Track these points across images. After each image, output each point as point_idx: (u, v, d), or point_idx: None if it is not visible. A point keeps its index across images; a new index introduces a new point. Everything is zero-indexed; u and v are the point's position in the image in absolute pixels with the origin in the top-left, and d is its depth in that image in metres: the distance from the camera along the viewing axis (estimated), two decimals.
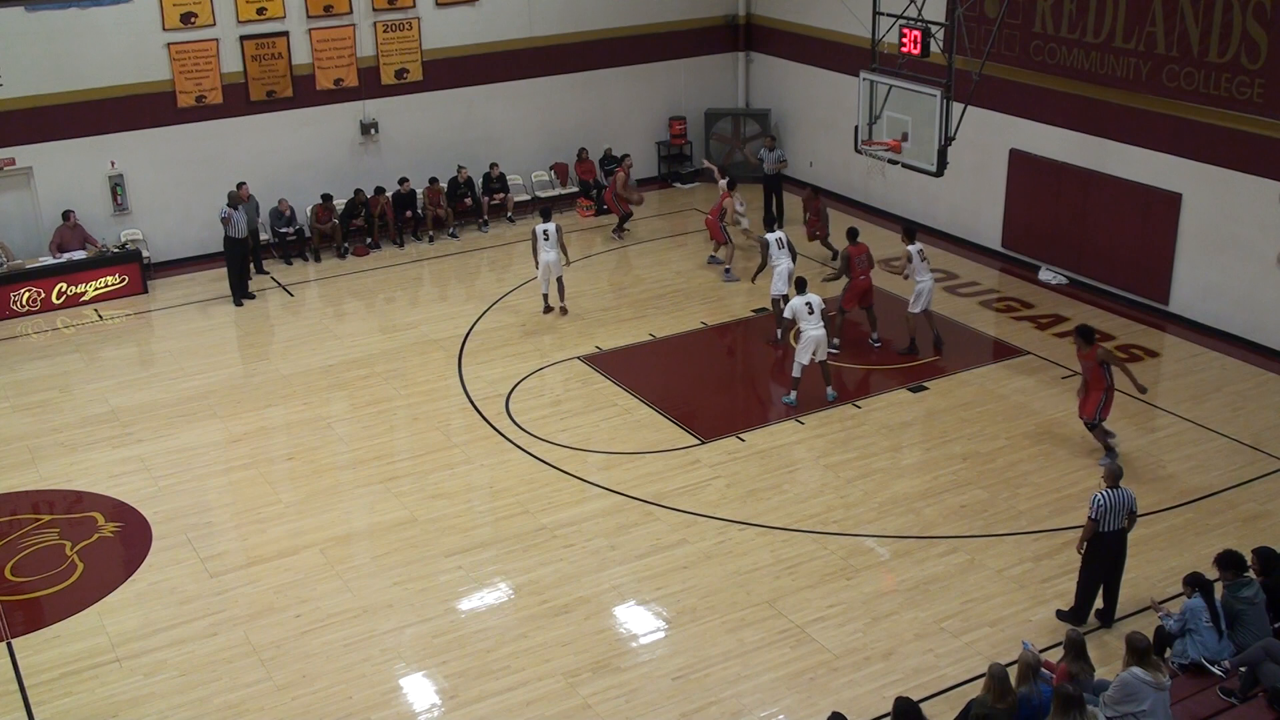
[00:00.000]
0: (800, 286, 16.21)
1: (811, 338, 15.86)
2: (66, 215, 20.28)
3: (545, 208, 19.71)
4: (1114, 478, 11.35)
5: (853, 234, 17.72)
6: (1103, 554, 11.40)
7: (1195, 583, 10.41)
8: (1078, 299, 19.25)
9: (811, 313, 15.89)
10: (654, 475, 14.58)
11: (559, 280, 18.96)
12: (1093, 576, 11.55)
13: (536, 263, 18.83)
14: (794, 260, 18.24)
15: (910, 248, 17.14)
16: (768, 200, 22.52)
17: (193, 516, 13.98)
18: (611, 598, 12.37)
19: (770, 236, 18.37)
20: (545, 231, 18.59)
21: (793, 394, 16.11)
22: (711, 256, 20.96)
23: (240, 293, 20.07)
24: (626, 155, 23.57)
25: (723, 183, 20.95)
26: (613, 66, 24.52)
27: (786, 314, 16.32)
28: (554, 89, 24.08)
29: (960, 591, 12.27)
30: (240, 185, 20.62)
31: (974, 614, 11.92)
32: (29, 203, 20.45)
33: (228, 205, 19.78)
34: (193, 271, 21.23)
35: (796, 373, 16.02)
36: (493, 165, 23.28)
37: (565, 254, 18.97)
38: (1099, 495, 11.27)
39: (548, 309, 19.04)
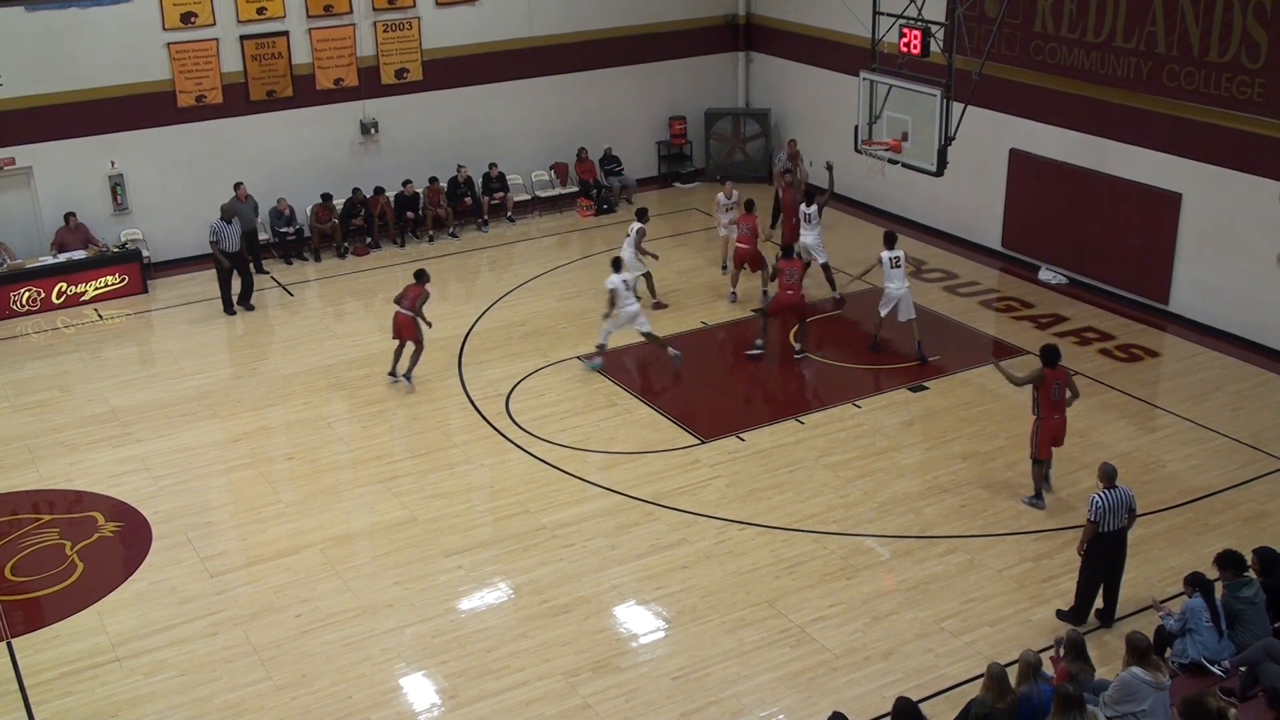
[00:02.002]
0: (616, 266, 17.08)
1: (627, 313, 16.85)
2: (68, 218, 20.29)
3: (640, 209, 19.55)
4: (1109, 478, 11.35)
5: (788, 250, 17.90)
6: (1103, 554, 11.41)
7: (1195, 582, 10.41)
8: (1078, 299, 19.25)
9: (629, 289, 16.86)
10: (654, 475, 14.58)
11: (645, 276, 19.02)
12: (1093, 576, 11.55)
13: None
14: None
15: (882, 253, 17.13)
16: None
17: (193, 516, 13.99)
18: (611, 598, 12.37)
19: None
20: (630, 229, 18.98)
21: (598, 359, 17.26)
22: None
23: (230, 303, 19.49)
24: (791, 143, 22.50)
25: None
26: (613, 66, 24.52)
27: (609, 285, 16.86)
28: (554, 89, 24.08)
29: (960, 591, 12.27)
30: (238, 185, 20.60)
31: (974, 614, 11.92)
32: (29, 203, 20.45)
33: (220, 219, 19.21)
34: (193, 271, 21.22)
35: (603, 339, 17.21)
36: (492, 165, 23.28)
37: (644, 256, 18.82)
38: (1097, 496, 11.27)
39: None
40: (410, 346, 16.82)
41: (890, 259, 17.06)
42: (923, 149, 16.39)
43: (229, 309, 19.61)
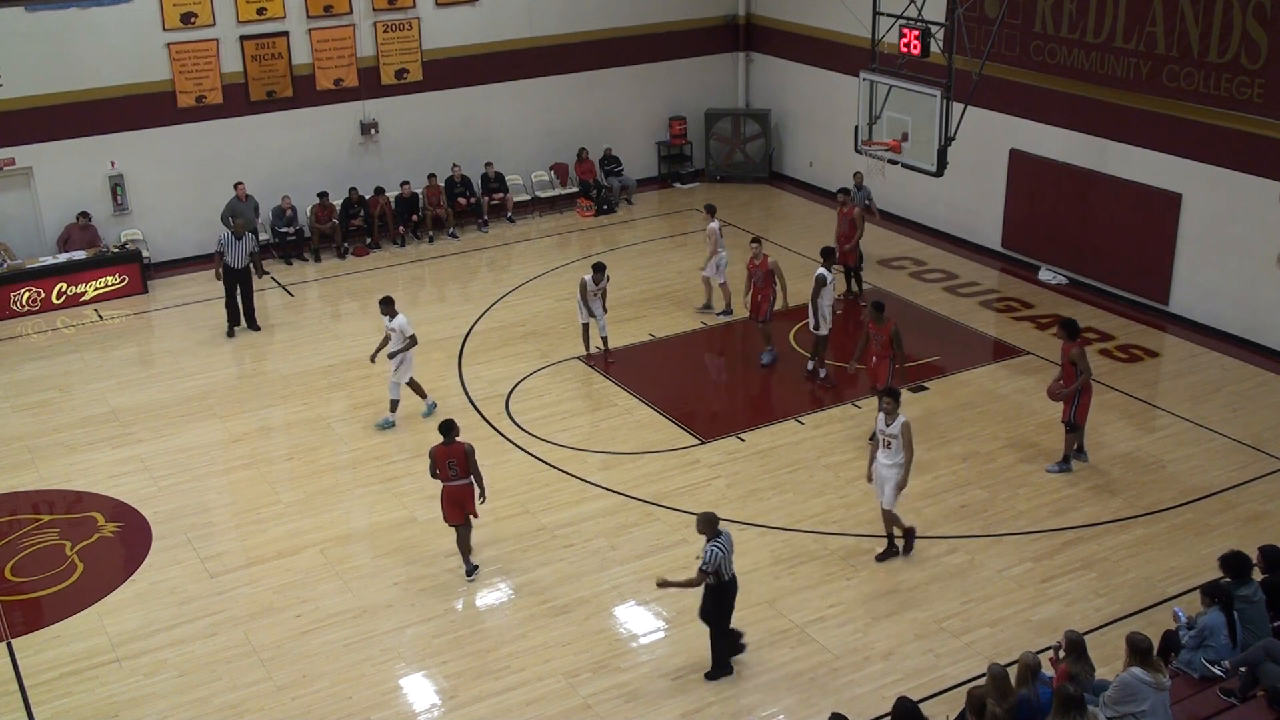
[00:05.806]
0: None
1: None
2: (80, 216, 20.29)
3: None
4: (713, 525, 10.83)
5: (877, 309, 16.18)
6: (728, 600, 11.09)
7: (1214, 594, 10.15)
8: (1078, 299, 19.25)
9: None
10: (654, 475, 14.58)
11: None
12: (725, 624, 11.18)
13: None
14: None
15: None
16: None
17: (193, 516, 13.99)
18: (611, 598, 12.37)
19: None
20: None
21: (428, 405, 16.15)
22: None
23: (235, 321, 18.84)
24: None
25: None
26: (613, 66, 24.52)
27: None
28: (554, 89, 24.08)
29: (960, 591, 12.27)
30: (237, 185, 20.58)
31: (974, 614, 11.92)
32: (29, 203, 20.45)
33: (230, 233, 18.62)
34: (193, 271, 21.22)
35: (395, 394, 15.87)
36: (487, 164, 23.25)
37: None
38: (713, 549, 10.73)
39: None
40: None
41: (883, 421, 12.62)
42: (923, 149, 16.38)
43: (231, 329, 18.76)
